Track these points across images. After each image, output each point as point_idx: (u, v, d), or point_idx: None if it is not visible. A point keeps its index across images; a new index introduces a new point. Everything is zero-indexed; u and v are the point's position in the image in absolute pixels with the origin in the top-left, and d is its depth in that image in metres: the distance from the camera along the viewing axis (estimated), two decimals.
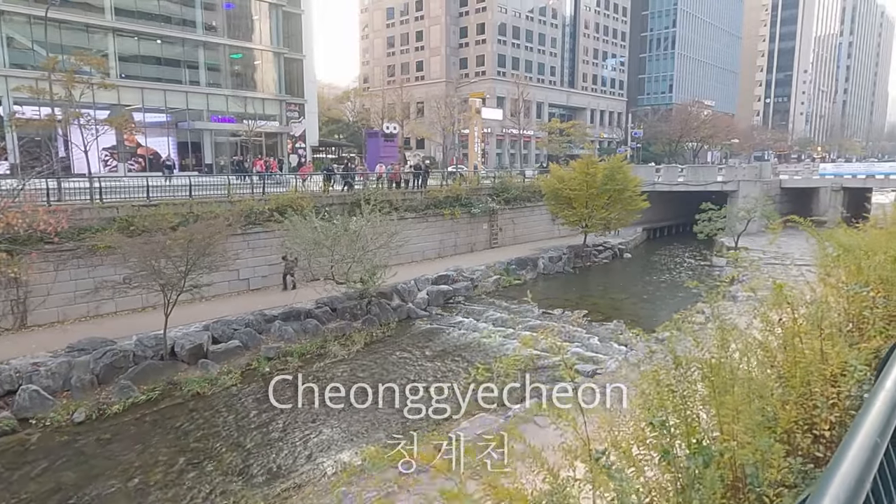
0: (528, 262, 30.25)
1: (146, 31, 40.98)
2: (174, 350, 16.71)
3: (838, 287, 5.91)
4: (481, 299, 25.36)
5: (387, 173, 30.37)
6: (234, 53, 46.63)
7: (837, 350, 3.00)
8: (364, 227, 20.21)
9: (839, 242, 6.49)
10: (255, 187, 24.89)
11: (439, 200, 30.19)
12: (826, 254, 6.45)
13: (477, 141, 49.03)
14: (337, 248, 20.04)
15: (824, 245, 6.50)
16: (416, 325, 22.24)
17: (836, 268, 6.07)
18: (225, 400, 15.49)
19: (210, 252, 15.95)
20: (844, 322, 4.40)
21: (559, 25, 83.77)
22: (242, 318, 19.00)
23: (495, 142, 73.61)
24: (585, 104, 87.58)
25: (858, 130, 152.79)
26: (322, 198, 25.74)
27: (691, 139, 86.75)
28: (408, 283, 24.20)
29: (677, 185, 43.42)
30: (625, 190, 30.72)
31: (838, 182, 43.40)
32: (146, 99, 41.53)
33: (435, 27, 77.93)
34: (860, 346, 3.25)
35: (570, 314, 22.74)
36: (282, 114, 49.11)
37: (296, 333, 19.30)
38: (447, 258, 30.02)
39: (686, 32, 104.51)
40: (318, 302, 20.96)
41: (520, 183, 36.38)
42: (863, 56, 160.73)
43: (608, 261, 34.41)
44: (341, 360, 18.30)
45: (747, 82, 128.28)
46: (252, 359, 17.77)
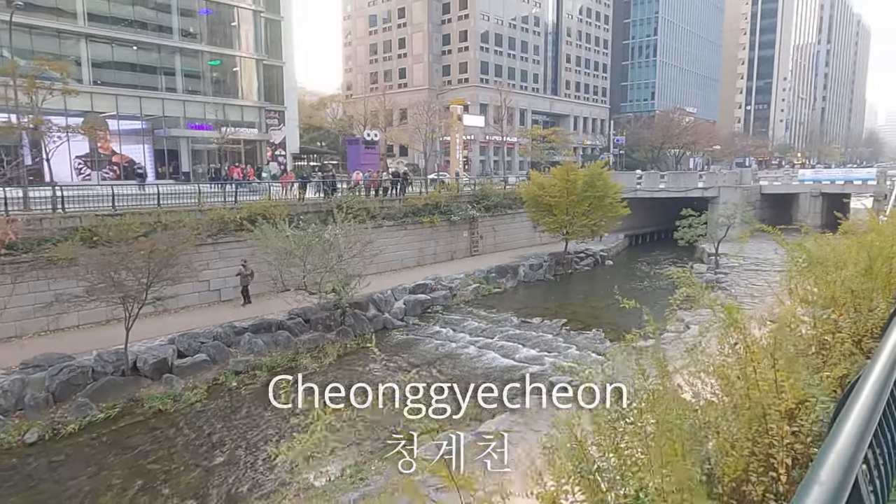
0: (509, 270, 29.90)
1: (120, 37, 40.25)
2: (136, 365, 16.07)
3: (806, 301, 5.57)
4: (460, 308, 24.94)
5: (364, 180, 29.90)
6: (213, 60, 46.01)
7: (792, 382, 2.62)
8: (338, 235, 19.70)
9: (808, 253, 6.16)
10: (227, 195, 24.25)
11: (418, 208, 29.78)
12: (795, 264, 6.12)
13: (458, 148, 48.74)
14: (309, 257, 19.53)
15: (794, 255, 6.18)
16: (393, 335, 21.77)
17: (804, 280, 5.74)
18: (188, 417, 14.88)
19: (173, 263, 15.35)
20: (809, 344, 4.06)
21: (542, 33, 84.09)
22: (210, 331, 18.38)
23: (478, 149, 73.48)
24: (569, 111, 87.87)
25: (837, 137, 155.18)
26: (297, 206, 25.19)
27: (673, 146, 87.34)
28: (384, 293, 23.72)
29: (659, 191, 43.44)
30: (605, 196, 30.53)
31: (817, 188, 43.71)
32: (121, 106, 40.73)
33: (417, 34, 77.82)
34: (823, 375, 2.89)
35: (550, 323, 22.40)
36: (261, 121, 48.51)
37: (266, 346, 18.73)
38: (427, 266, 29.58)
39: (667, 40, 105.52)
40: (290, 313, 20.41)
41: (500, 190, 36.11)
42: (840, 64, 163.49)
43: (590, 268, 34.18)
44: (312, 374, 17.70)
45: (728, 89, 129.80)
46: (219, 373, 17.17)
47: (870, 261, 5.67)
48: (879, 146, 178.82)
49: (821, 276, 5.21)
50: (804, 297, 5.37)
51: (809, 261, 5.89)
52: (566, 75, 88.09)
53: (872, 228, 8.33)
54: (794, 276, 5.56)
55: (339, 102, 73.18)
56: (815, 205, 44.28)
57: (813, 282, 5.45)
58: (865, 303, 5.54)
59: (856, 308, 5.27)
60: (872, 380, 2.41)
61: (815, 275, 5.56)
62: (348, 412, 6.89)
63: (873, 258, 5.66)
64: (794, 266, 5.99)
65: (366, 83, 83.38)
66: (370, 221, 27.31)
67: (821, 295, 4.91)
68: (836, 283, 4.85)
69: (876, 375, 2.42)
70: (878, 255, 5.64)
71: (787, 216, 52.76)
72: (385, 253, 28.09)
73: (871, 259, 5.66)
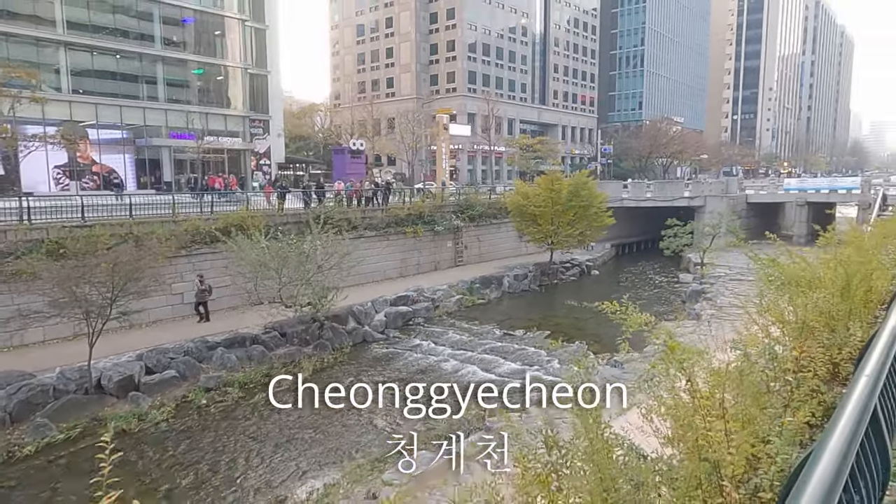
0: (493, 281, 29.50)
1: (101, 46, 39.66)
2: (101, 382, 15.46)
3: (781, 321, 5.18)
4: (442, 320, 24.49)
5: (346, 190, 29.46)
6: (196, 69, 45.51)
7: (747, 433, 2.21)
8: (315, 246, 19.22)
9: (782, 270, 5.79)
10: (204, 206, 23.71)
11: (401, 218, 29.36)
12: (769, 282, 5.75)
13: (445, 157, 48.46)
14: (285, 269, 19.03)
15: (766, 273, 5.80)
16: (372, 349, 21.26)
17: (778, 299, 5.36)
18: (153, 436, 14.28)
19: (139, 277, 14.80)
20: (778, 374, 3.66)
21: (529, 43, 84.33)
22: (181, 346, 17.79)
23: (466, 158, 73.31)
24: (557, 120, 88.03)
25: (823, 146, 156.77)
26: (275, 216, 24.69)
27: (661, 155, 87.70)
28: (364, 305, 23.23)
29: (645, 200, 43.32)
30: (590, 206, 30.27)
31: (803, 197, 43.77)
32: (101, 115, 40.08)
33: (405, 44, 77.75)
34: (784, 422, 2.48)
35: (533, 335, 22.00)
36: (245, 130, 47.96)
37: (239, 361, 18.17)
38: (410, 277, 29.11)
39: (654, 50, 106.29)
40: (266, 327, 19.86)
41: (485, 199, 35.77)
42: (825, 75, 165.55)
43: (575, 278, 33.86)
44: (285, 390, 17.15)
45: (715, 99, 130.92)
46: (189, 390, 16.59)
47: (846, 278, 5.30)
48: (864, 155, 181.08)
49: (794, 297, 4.83)
50: (779, 317, 4.98)
51: (783, 279, 5.51)
52: (554, 85, 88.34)
53: (851, 241, 8.01)
54: (765, 295, 5.18)
55: (325, 111, 72.70)
56: (801, 214, 44.32)
57: (787, 301, 5.07)
58: (843, 324, 5.17)
59: (832, 330, 4.89)
60: (841, 427, 2.04)
61: (789, 294, 5.18)
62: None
63: (850, 275, 5.30)
64: (767, 284, 5.61)
65: (354, 92, 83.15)
66: (352, 232, 26.96)
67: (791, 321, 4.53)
68: (809, 306, 4.46)
69: (843, 427, 2.03)
70: (855, 273, 5.27)
71: (774, 225, 52.89)
72: (367, 264, 27.66)
73: (847, 277, 5.30)
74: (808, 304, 4.53)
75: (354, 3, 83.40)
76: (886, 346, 3.44)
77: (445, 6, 75.36)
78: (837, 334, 4.94)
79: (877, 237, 7.90)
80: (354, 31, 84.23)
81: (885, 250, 7.33)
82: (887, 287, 5.39)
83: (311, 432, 14.64)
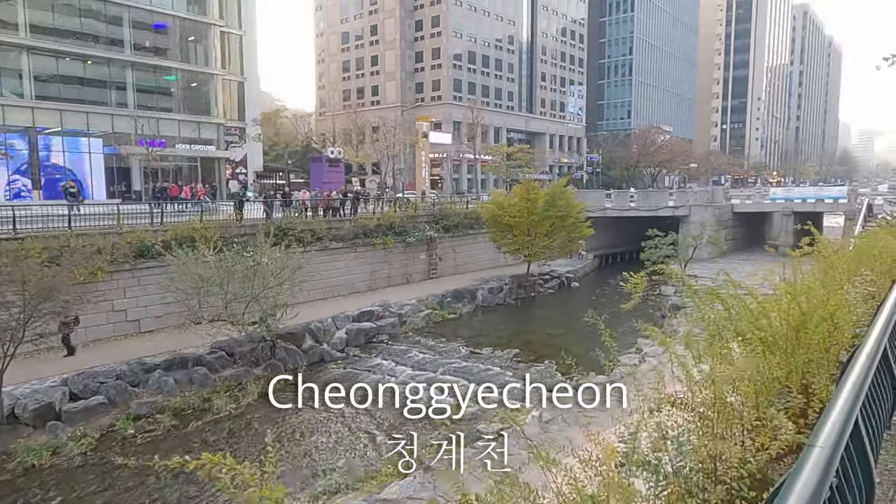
0: (466, 294, 28.26)
1: (66, 50, 38.38)
2: (14, 412, 14.06)
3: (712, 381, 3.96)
4: (408, 337, 23.19)
5: (312, 199, 28.20)
6: (169, 75, 44.30)
7: None
8: (262, 261, 17.93)
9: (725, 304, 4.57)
10: (154, 216, 22.39)
11: (370, 229, 28.11)
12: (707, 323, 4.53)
13: (425, 166, 47.35)
14: (231, 284, 17.72)
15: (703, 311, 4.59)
16: (329, 369, 19.95)
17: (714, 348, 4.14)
18: (65, 473, 12.89)
19: (53, 297, 13.45)
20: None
21: (516, 51, 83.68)
22: (114, 369, 16.41)
23: (451, 167, 72.28)
24: (544, 129, 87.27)
25: (812, 155, 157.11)
26: (232, 227, 23.38)
27: (649, 164, 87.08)
28: (324, 322, 21.90)
29: (628, 210, 42.30)
30: (567, 216, 29.15)
31: (789, 206, 42.89)
32: (66, 121, 38.77)
33: (390, 52, 76.89)
34: None
35: (501, 353, 20.76)
36: (219, 138, 46.69)
37: (178, 385, 16.80)
38: (379, 291, 27.82)
39: (643, 60, 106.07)
40: (213, 346, 18.51)
41: (461, 209, 34.59)
42: (813, 84, 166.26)
43: (554, 291, 32.67)
44: (226, 417, 15.84)
45: (704, 108, 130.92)
46: (118, 417, 15.21)
47: (802, 318, 4.10)
48: (853, 164, 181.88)
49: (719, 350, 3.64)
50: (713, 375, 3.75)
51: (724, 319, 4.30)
52: (541, 93, 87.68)
53: (822, 261, 6.81)
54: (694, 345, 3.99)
55: (304, 119, 71.52)
56: (788, 224, 43.39)
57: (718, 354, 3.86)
58: (796, 382, 3.96)
59: (787, 373, 3.71)
60: None
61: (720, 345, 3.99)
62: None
63: (807, 314, 4.09)
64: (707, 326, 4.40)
65: (339, 100, 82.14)
66: (316, 244, 25.74)
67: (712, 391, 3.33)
68: (725, 375, 3.26)
69: None
70: (814, 311, 4.07)
71: (761, 235, 52.03)
72: (332, 277, 26.45)
73: (803, 316, 4.10)
74: (723, 373, 3.33)
75: (339, 10, 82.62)
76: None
77: (430, 14, 74.63)
78: (793, 372, 3.76)
79: (850, 259, 6.71)
80: (339, 39, 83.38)
81: (856, 278, 6.19)
82: (851, 329, 4.20)
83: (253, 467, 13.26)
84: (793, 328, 4.13)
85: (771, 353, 4.10)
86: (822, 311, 3.81)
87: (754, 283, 7.00)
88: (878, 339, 3.61)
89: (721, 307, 4.53)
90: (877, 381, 3.60)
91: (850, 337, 4.23)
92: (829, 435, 2.18)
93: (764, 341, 4.05)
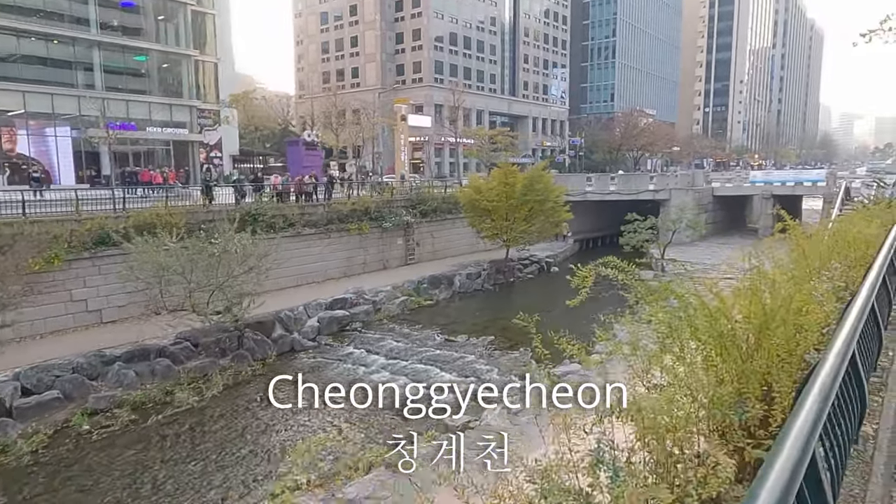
0: (443, 280, 27.80)
1: (27, 29, 36.82)
2: None
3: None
4: (382, 325, 22.71)
5: (283, 184, 27.42)
6: (138, 55, 42.84)
7: None
8: (225, 247, 17.27)
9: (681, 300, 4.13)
10: (116, 202, 21.53)
11: (344, 214, 27.44)
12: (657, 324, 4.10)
13: (404, 149, 46.53)
14: (194, 273, 17.06)
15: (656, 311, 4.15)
16: (299, 358, 19.43)
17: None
18: (13, 473, 12.29)
19: None
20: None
21: (498, 33, 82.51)
22: (71, 362, 15.73)
23: (433, 150, 71.38)
24: (527, 112, 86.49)
25: (793, 138, 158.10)
26: (199, 213, 22.60)
27: (632, 147, 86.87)
28: (295, 310, 21.32)
29: (609, 194, 41.99)
30: (546, 200, 28.71)
31: (768, 189, 42.86)
32: (30, 103, 37.33)
33: (370, 32, 75.37)
34: None
35: (476, 341, 20.38)
36: (192, 120, 45.40)
37: (139, 377, 16.19)
38: (355, 277, 27.22)
39: (626, 42, 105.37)
40: (178, 336, 17.87)
41: (439, 194, 34.00)
42: (795, 67, 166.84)
43: (533, 276, 32.34)
44: (187, 411, 15.27)
45: (688, 92, 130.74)
46: (74, 413, 14.58)
47: (764, 317, 3.67)
48: (833, 148, 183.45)
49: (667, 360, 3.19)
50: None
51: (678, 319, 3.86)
52: (524, 76, 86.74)
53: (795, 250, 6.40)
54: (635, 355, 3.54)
55: (282, 101, 70.02)
56: (767, 207, 43.42)
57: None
58: (756, 386, 3.55)
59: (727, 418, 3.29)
60: None
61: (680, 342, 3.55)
62: None
63: (770, 312, 3.66)
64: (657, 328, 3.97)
65: (318, 83, 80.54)
66: (288, 230, 25.05)
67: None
68: (689, 370, 2.82)
69: None
70: (778, 309, 3.64)
71: (741, 218, 52.20)
72: (305, 264, 25.83)
73: (766, 315, 3.66)
74: (688, 363, 2.89)
75: None
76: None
77: None
78: (748, 410, 3.33)
79: (823, 246, 6.28)
80: (318, 19, 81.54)
81: (827, 269, 5.78)
82: (818, 328, 3.77)
83: (201, 465, 12.78)
84: (754, 328, 3.69)
85: (729, 356, 3.66)
86: (785, 308, 3.37)
87: (719, 274, 6.64)
88: (846, 341, 3.18)
89: (676, 303, 4.08)
90: (844, 388, 3.20)
91: (817, 336, 3.80)
92: (788, 456, 1.99)
93: (721, 344, 3.61)
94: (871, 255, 6.34)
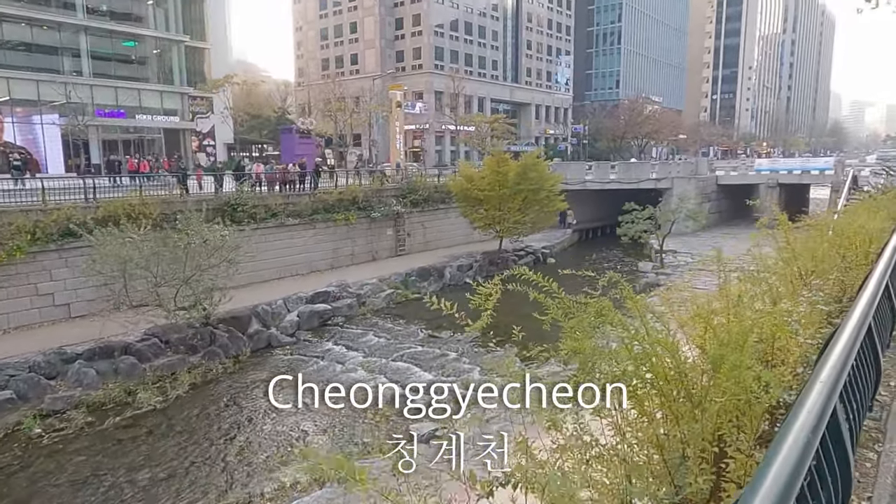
0: (433, 273, 26.88)
1: (10, 14, 35.93)
2: None
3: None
4: (365, 319, 21.86)
5: (266, 173, 26.50)
6: (127, 41, 41.91)
7: None
8: (196, 241, 16.40)
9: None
10: (88, 192, 20.68)
11: (330, 204, 26.52)
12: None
13: (399, 137, 45.45)
14: (159, 266, 16.22)
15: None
16: (275, 355, 18.61)
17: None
18: None
19: None
20: None
21: (500, 18, 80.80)
22: (27, 360, 14.95)
23: (434, 138, 70.22)
24: (530, 99, 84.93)
25: (802, 126, 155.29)
26: (175, 203, 21.73)
27: (636, 135, 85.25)
28: (273, 304, 20.48)
29: (609, 182, 40.83)
30: (540, 190, 27.66)
31: (774, 178, 41.55)
32: (15, 90, 36.58)
33: (369, 18, 73.95)
34: None
35: (460, 337, 19.45)
36: (183, 108, 44.51)
37: (101, 376, 15.39)
38: (342, 269, 26.37)
39: (632, 28, 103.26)
40: (146, 333, 17.06)
41: (432, 182, 32.98)
42: (805, 54, 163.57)
43: (528, 267, 31.25)
44: (149, 412, 14.48)
45: (695, 78, 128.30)
46: (27, 415, 13.82)
47: (719, 352, 2.69)
48: (843, 136, 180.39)
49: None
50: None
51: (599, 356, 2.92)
52: (527, 62, 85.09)
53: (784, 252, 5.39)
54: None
55: (279, 88, 68.86)
56: (773, 196, 42.14)
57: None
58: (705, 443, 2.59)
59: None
60: None
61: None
62: None
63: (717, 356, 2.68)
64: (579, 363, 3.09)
65: (317, 70, 79.33)
66: (271, 220, 24.20)
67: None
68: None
69: None
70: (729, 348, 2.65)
71: (746, 208, 50.87)
72: (289, 256, 24.99)
73: (721, 349, 2.68)
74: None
75: None
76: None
77: None
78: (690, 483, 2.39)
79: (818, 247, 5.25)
80: (317, 5, 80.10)
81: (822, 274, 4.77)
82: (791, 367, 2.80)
83: (154, 472, 11.98)
84: (705, 365, 2.73)
85: (675, 406, 2.71)
86: (739, 346, 2.41)
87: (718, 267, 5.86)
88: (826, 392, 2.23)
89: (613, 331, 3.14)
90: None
91: (791, 375, 2.84)
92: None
93: (660, 389, 2.65)
94: (872, 254, 5.34)
